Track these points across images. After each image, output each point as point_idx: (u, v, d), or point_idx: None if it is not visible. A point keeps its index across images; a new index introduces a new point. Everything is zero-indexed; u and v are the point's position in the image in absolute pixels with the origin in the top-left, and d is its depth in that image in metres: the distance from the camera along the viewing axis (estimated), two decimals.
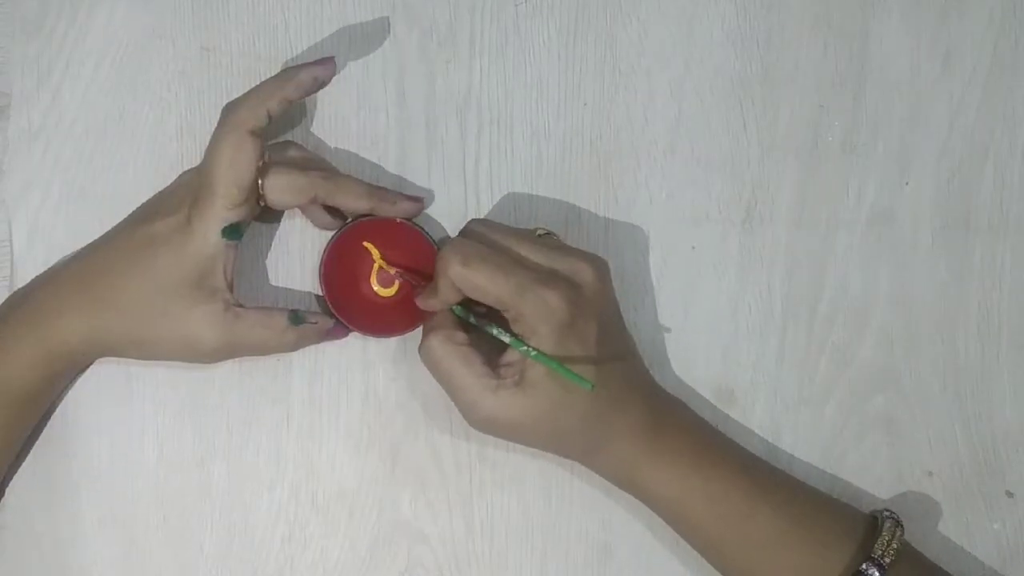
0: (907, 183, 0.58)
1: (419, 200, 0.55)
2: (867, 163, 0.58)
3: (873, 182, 0.58)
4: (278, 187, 0.51)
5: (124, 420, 0.56)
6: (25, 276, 0.56)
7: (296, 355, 0.56)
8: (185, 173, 0.55)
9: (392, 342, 0.56)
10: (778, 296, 0.58)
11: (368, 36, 0.57)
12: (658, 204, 0.58)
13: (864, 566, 0.49)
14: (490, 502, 0.56)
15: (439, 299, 0.52)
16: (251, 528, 0.56)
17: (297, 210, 0.56)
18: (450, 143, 0.57)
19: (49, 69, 0.56)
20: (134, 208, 0.55)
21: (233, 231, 0.51)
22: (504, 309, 0.51)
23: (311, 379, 0.56)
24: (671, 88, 0.58)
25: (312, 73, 0.51)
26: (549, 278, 0.50)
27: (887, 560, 0.49)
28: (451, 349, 0.51)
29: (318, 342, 0.55)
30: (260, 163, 0.51)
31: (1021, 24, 0.59)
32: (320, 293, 0.55)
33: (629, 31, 0.58)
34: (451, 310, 0.53)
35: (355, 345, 0.56)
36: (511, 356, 0.52)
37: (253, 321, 0.52)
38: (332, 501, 0.56)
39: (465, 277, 0.50)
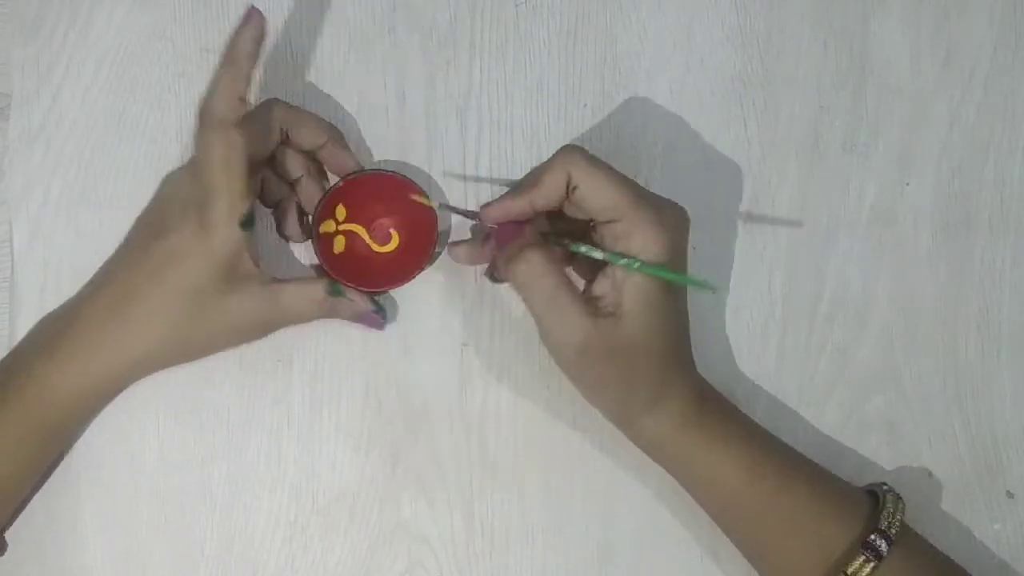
0: (907, 183, 0.58)
1: (358, 164, 0.55)
2: (867, 163, 0.58)
3: (873, 182, 0.58)
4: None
5: (124, 420, 0.56)
6: (25, 276, 0.56)
7: (296, 355, 0.56)
8: (172, 177, 0.55)
9: (394, 343, 0.56)
10: (778, 296, 0.58)
11: (368, 36, 0.57)
12: None
13: (872, 537, 0.49)
14: (490, 502, 0.56)
15: (528, 198, 0.50)
16: (251, 529, 0.56)
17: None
18: (450, 143, 0.57)
19: (49, 69, 0.56)
20: (133, 208, 0.55)
21: (249, 221, 0.51)
22: (614, 219, 0.49)
23: (311, 379, 0.56)
24: (671, 88, 0.58)
25: (247, 35, 0.50)
26: (661, 198, 0.51)
27: (893, 531, 0.49)
28: (555, 268, 0.49)
29: (351, 320, 0.54)
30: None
31: (1021, 24, 0.59)
32: (317, 262, 0.55)
33: (629, 31, 0.58)
34: (542, 235, 0.51)
35: (356, 344, 0.56)
36: (600, 288, 0.50)
37: (294, 293, 0.52)
38: (332, 502, 0.56)
39: (589, 173, 0.49)
